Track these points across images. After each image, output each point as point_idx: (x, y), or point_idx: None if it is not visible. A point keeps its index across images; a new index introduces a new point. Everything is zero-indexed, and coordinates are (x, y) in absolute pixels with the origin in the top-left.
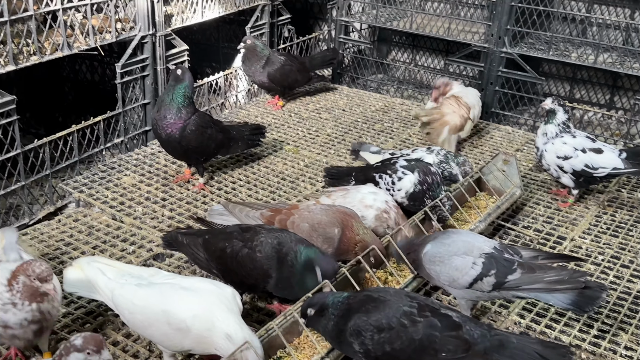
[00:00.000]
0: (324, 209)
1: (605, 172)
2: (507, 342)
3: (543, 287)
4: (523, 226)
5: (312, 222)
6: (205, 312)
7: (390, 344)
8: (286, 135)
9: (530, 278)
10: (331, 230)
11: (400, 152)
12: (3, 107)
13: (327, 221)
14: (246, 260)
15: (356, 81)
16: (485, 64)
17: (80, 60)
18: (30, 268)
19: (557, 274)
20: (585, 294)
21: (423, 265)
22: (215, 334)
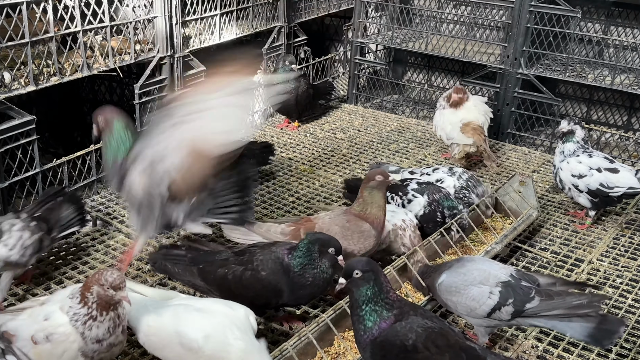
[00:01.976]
0: (339, 214)
1: (620, 191)
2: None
3: (562, 313)
4: (540, 248)
5: (341, 223)
6: (217, 333)
7: None
8: (301, 155)
9: (548, 305)
10: (363, 224)
11: (420, 171)
12: (23, 127)
13: (354, 219)
14: (252, 281)
15: (372, 101)
16: (501, 85)
17: (99, 80)
18: (102, 277)
19: (576, 299)
20: (603, 328)
21: (439, 295)
22: (231, 355)
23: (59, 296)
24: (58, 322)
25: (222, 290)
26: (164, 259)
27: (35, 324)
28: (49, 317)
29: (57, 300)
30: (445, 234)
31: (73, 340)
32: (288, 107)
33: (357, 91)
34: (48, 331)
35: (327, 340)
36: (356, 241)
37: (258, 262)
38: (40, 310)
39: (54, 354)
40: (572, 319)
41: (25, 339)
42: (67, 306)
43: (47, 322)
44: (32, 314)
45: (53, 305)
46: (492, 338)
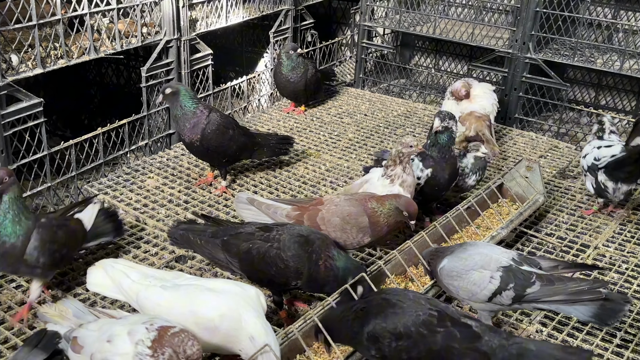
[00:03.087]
0: (347, 199)
1: (605, 161)
2: (525, 350)
3: (563, 299)
4: (546, 233)
5: (342, 215)
6: (232, 312)
7: (408, 352)
8: (308, 140)
9: (549, 290)
10: (363, 219)
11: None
12: (30, 110)
13: (356, 212)
14: (276, 260)
15: (378, 86)
16: (509, 69)
17: (106, 63)
18: (182, 346)
19: (577, 285)
20: (607, 307)
21: (441, 280)
22: (241, 334)
23: (134, 318)
24: (118, 350)
25: (243, 263)
26: (186, 231)
27: (98, 342)
28: (112, 339)
29: (130, 323)
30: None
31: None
32: (297, 92)
33: (364, 75)
34: (105, 356)
35: None
36: (354, 235)
37: (284, 241)
38: (109, 327)
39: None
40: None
41: (88, 355)
42: (137, 337)
43: (108, 345)
44: (102, 329)
45: (122, 327)
46: (496, 322)
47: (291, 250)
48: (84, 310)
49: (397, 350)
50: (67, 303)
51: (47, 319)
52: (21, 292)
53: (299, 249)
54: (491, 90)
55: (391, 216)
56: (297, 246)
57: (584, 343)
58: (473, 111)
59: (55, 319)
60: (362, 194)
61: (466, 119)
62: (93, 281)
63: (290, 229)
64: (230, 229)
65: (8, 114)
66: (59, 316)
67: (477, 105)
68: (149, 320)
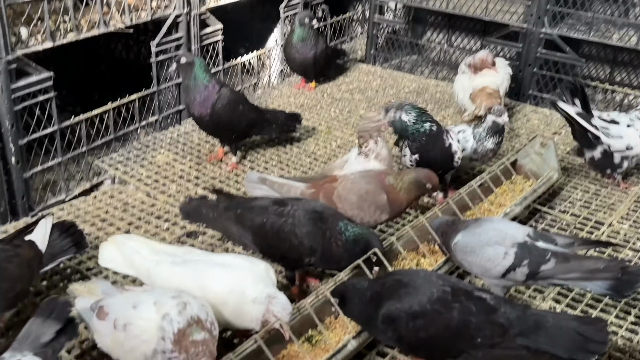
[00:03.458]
0: (363, 175)
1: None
2: (543, 322)
3: (579, 277)
4: (560, 210)
5: (359, 192)
6: (239, 286)
7: (426, 330)
8: (319, 116)
9: (564, 267)
10: (381, 197)
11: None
12: (40, 84)
13: (374, 189)
14: (290, 236)
15: (390, 62)
16: (523, 44)
17: (116, 38)
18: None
19: (593, 263)
20: (624, 279)
21: (454, 255)
22: (246, 304)
23: (161, 290)
24: (141, 315)
25: (256, 237)
26: (198, 205)
27: (123, 308)
28: (137, 305)
29: (157, 294)
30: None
31: (145, 340)
32: (306, 67)
33: (376, 51)
34: (128, 320)
35: None
36: (372, 213)
37: (298, 217)
38: (136, 295)
39: (123, 346)
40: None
41: (112, 320)
42: (164, 309)
43: (132, 311)
44: (128, 297)
45: (149, 296)
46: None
47: (306, 226)
48: (112, 288)
49: (414, 329)
50: (98, 282)
51: (75, 294)
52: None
53: (314, 226)
54: (505, 64)
55: (412, 190)
56: (312, 223)
57: None
58: (485, 87)
59: (84, 294)
60: (377, 170)
61: (477, 95)
62: (105, 257)
63: (305, 205)
64: (244, 202)
65: (18, 88)
66: (87, 292)
67: (489, 80)
68: (177, 295)
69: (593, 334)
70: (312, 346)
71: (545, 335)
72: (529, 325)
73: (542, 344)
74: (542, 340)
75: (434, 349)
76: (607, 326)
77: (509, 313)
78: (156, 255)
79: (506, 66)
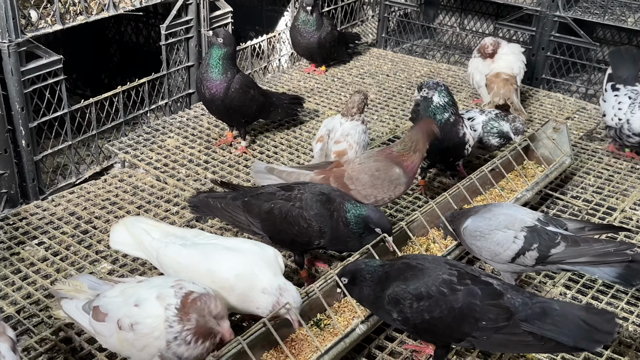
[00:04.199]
0: (369, 156)
1: None
2: (549, 309)
3: (588, 261)
4: (572, 196)
5: (370, 171)
6: (247, 272)
7: (430, 312)
8: (329, 100)
9: (574, 251)
10: (393, 171)
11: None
12: (50, 67)
13: (384, 165)
14: (298, 219)
15: (401, 46)
16: (537, 28)
17: (125, 21)
18: (206, 308)
19: (603, 247)
20: (633, 267)
21: (464, 240)
22: (255, 291)
23: (158, 281)
24: (148, 312)
25: (265, 224)
26: (206, 196)
27: (124, 307)
28: (140, 303)
29: (156, 286)
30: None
31: (157, 337)
32: (310, 50)
33: (387, 35)
34: (134, 319)
35: None
36: (386, 189)
37: (305, 200)
38: (134, 291)
39: (134, 345)
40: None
41: (114, 321)
42: (166, 302)
43: (136, 309)
44: (125, 293)
45: (149, 291)
46: (520, 285)
47: (314, 209)
48: (99, 282)
49: (419, 310)
50: (81, 278)
51: (62, 295)
52: None
53: (322, 208)
54: (520, 51)
55: (420, 142)
56: (320, 205)
57: (608, 306)
58: (500, 72)
59: (71, 294)
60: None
61: (493, 81)
62: (115, 239)
63: (311, 188)
64: (250, 190)
65: (28, 71)
66: (74, 291)
67: (505, 64)
68: (176, 284)
69: (601, 325)
70: (320, 330)
71: (552, 323)
72: (535, 311)
73: (547, 330)
74: (547, 327)
75: (438, 331)
76: (616, 318)
77: (514, 299)
78: (166, 237)
79: (520, 53)
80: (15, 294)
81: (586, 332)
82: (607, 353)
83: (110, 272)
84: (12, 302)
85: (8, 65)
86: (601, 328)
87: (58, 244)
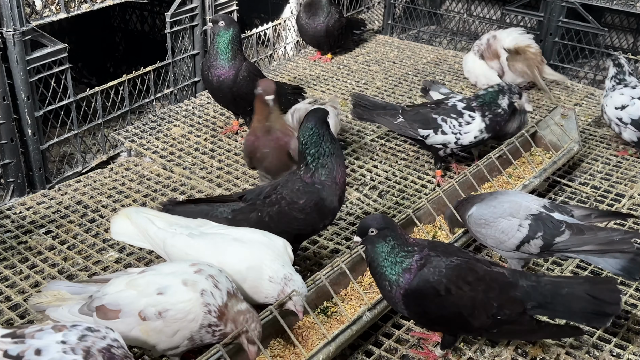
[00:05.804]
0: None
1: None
2: (558, 289)
3: (593, 249)
4: (580, 183)
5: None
6: (258, 263)
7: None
8: (335, 88)
9: (579, 239)
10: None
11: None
12: (55, 55)
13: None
14: (293, 213)
15: (408, 32)
16: (544, 13)
17: (130, 10)
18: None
19: (607, 235)
20: (637, 260)
21: (469, 227)
22: (263, 281)
23: (172, 268)
24: (178, 298)
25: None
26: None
27: (145, 298)
28: (164, 291)
29: (171, 273)
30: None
31: (192, 320)
32: (318, 39)
33: (393, 22)
34: (163, 307)
35: (359, 270)
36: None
37: (291, 196)
38: (150, 280)
39: (164, 332)
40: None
41: (133, 314)
42: (199, 287)
43: (162, 297)
44: (136, 285)
45: (169, 278)
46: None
47: (301, 198)
48: (78, 286)
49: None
50: (54, 285)
51: (43, 308)
52: None
53: (308, 194)
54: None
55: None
56: (304, 192)
57: None
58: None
59: (53, 304)
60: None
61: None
62: (117, 230)
63: (286, 185)
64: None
65: (33, 60)
66: (56, 300)
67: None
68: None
69: (606, 296)
70: (327, 317)
71: (562, 303)
72: (545, 294)
73: (560, 312)
74: (559, 308)
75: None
76: (617, 284)
77: (526, 287)
78: (171, 226)
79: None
80: (23, 282)
81: (595, 306)
82: (615, 340)
83: (117, 260)
84: (20, 291)
85: (13, 54)
86: (608, 299)
87: (65, 233)
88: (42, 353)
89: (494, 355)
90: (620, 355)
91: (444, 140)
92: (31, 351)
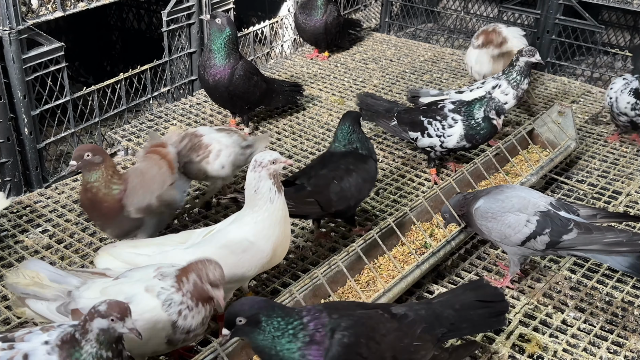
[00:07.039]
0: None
1: None
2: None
3: (600, 249)
4: (577, 180)
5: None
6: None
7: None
8: (332, 86)
9: (586, 239)
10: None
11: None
12: (52, 54)
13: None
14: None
15: (405, 30)
16: (541, 11)
17: (127, 8)
18: (204, 271)
19: (615, 236)
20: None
21: (474, 220)
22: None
23: (138, 274)
24: (143, 308)
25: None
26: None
27: None
28: (131, 300)
29: (138, 280)
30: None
31: (161, 328)
32: (317, 37)
33: (390, 19)
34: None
35: (356, 269)
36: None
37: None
38: (119, 289)
39: (135, 340)
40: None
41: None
42: (157, 288)
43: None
44: (108, 293)
45: (134, 286)
46: (524, 269)
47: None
48: (59, 272)
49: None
50: (33, 265)
51: (22, 291)
52: None
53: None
54: (521, 35)
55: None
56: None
57: (614, 290)
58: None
59: (32, 288)
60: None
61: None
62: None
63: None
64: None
65: (29, 58)
66: (34, 284)
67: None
68: (158, 272)
69: (490, 296)
70: None
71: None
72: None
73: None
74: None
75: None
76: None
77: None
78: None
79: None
80: None
81: (489, 309)
82: (612, 337)
83: None
84: None
85: (9, 53)
86: (494, 298)
87: (62, 232)
88: (29, 358)
89: (492, 352)
90: (617, 352)
91: (430, 143)
92: (19, 357)
